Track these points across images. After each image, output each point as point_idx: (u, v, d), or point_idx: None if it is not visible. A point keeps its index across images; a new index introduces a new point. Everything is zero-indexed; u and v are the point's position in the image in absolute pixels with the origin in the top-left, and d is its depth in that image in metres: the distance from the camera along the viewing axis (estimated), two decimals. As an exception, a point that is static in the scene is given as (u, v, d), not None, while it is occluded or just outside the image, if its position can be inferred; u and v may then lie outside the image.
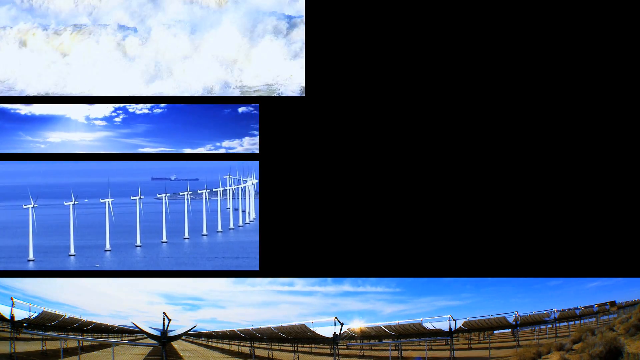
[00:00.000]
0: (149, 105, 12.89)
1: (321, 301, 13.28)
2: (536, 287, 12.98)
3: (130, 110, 13.10)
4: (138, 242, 14.86)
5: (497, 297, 13.29)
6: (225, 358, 18.23)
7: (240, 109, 12.88)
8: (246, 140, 13.04)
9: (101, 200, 14.91)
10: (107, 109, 12.90)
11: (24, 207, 14.10)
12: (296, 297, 13.24)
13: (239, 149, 12.97)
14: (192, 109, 12.67)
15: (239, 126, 12.97)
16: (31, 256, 13.74)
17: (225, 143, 13.14)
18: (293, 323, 13.82)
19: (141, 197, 15.32)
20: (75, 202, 14.54)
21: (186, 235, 15.66)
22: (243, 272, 12.64)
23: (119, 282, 12.69)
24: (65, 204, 14.53)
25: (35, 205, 14.05)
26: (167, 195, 15.87)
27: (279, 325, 14.41)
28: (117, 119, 13.06)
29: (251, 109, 12.78)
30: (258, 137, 12.69)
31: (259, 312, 13.52)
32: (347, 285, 13.05)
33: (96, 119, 13.11)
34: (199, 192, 16.46)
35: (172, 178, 15.31)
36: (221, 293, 13.03)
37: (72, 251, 14.14)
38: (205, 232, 15.99)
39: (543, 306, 14.44)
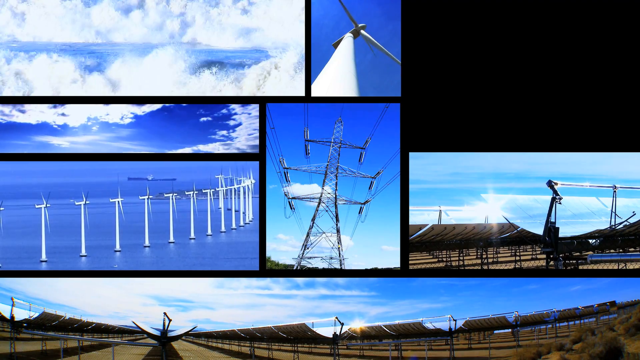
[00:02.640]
0: (120, 115, 13.09)
1: (303, 303, 13.33)
2: (514, 291, 12.98)
3: (102, 120, 13.20)
4: (147, 243, 14.87)
5: (476, 301, 13.26)
6: (225, 358, 18.26)
7: (203, 119, 13.12)
8: (218, 145, 13.29)
9: (111, 200, 14.94)
10: (83, 117, 13.08)
11: (37, 206, 14.10)
12: (278, 299, 13.30)
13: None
14: (154, 118, 12.99)
15: (206, 132, 13.15)
16: (44, 257, 13.76)
17: (201, 147, 13.24)
18: (293, 323, 13.83)
19: (150, 197, 15.33)
20: (87, 202, 14.55)
21: (192, 235, 15.65)
22: (243, 272, 12.64)
23: (113, 284, 12.69)
24: (76, 204, 14.54)
25: (48, 205, 14.06)
26: (175, 194, 15.87)
27: (279, 324, 14.43)
28: (94, 128, 13.16)
29: (210, 118, 13.05)
30: (227, 141, 13.05)
31: (248, 314, 13.58)
32: (322, 289, 13.10)
33: (73, 127, 13.17)
34: (204, 191, 16.47)
35: (149, 178, 15.26)
36: (208, 295, 13.06)
37: (83, 252, 14.15)
38: (209, 232, 16.01)
39: (523, 310, 14.54)
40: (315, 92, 12.70)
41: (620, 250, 14.93)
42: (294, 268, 13.61)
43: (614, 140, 12.40)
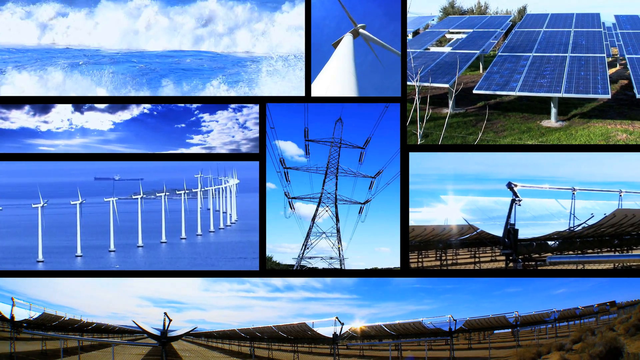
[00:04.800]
0: (99, 122, 13.25)
1: (289, 305, 13.36)
2: (495, 294, 12.98)
3: (85, 126, 13.34)
4: (140, 243, 14.89)
5: (458, 303, 13.28)
6: (225, 358, 18.26)
7: (177, 125, 13.29)
8: (198, 148, 13.38)
9: (105, 199, 14.95)
10: (63, 122, 13.22)
11: (33, 206, 14.10)
12: (264, 302, 13.33)
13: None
14: (129, 126, 13.21)
15: (183, 137, 13.28)
16: (40, 257, 13.76)
17: (183, 150, 13.31)
18: (293, 322, 13.82)
19: (143, 196, 15.33)
20: (83, 201, 14.55)
21: (183, 235, 15.68)
22: (243, 272, 12.63)
23: (109, 286, 12.69)
24: (71, 203, 14.53)
25: (44, 204, 14.04)
26: (167, 194, 15.88)
27: (280, 324, 14.43)
28: (77, 135, 13.29)
29: (183, 125, 13.18)
30: (206, 144, 13.22)
31: (240, 314, 13.60)
32: (303, 292, 13.14)
33: (58, 132, 13.24)
34: (194, 191, 16.50)
35: (116, 178, 15.27)
36: (197, 298, 13.07)
37: (78, 252, 14.15)
38: (199, 232, 16.05)
39: (506, 312, 14.59)
40: (315, 92, 12.68)
41: (579, 252, 14.91)
42: (294, 268, 13.61)
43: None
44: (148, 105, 13.18)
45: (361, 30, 13.87)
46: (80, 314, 13.98)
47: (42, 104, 13.14)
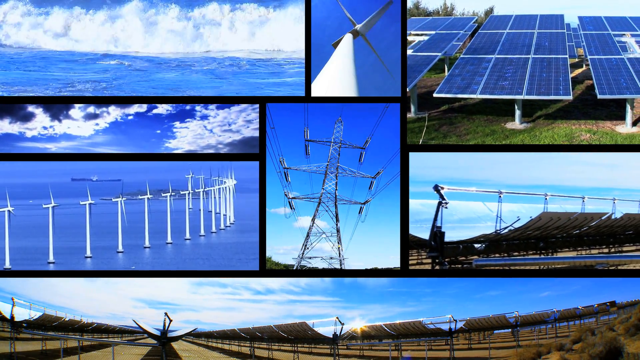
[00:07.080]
0: (78, 127, 13.34)
1: (277, 307, 13.45)
2: (476, 297, 12.99)
3: (68, 132, 13.38)
4: (147, 244, 14.90)
5: (442, 305, 13.30)
6: (225, 358, 18.27)
7: (154, 131, 13.37)
8: (180, 152, 13.45)
9: (113, 200, 14.97)
10: (47, 130, 13.37)
11: (44, 206, 14.09)
12: (251, 303, 13.43)
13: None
14: (108, 131, 13.25)
15: (160, 142, 13.37)
16: (51, 258, 13.75)
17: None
18: (293, 322, 13.83)
19: (150, 196, 15.33)
20: (92, 202, 14.55)
21: (187, 236, 15.68)
22: (243, 272, 12.63)
23: (107, 288, 12.72)
24: (81, 203, 14.52)
25: (56, 205, 14.03)
26: (172, 194, 15.88)
27: (279, 324, 14.44)
28: (62, 140, 13.38)
29: (159, 131, 13.21)
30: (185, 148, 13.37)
31: (231, 315, 13.65)
32: (286, 294, 13.20)
33: (43, 136, 13.31)
34: (197, 191, 16.52)
35: (94, 179, 15.26)
36: (188, 300, 13.08)
37: (88, 253, 14.14)
38: (202, 232, 16.05)
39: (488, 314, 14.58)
40: (315, 91, 12.69)
41: (505, 255, 14.88)
42: (294, 268, 13.62)
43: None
44: (120, 114, 13.23)
45: (358, 27, 13.83)
46: (80, 314, 13.99)
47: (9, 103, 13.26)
